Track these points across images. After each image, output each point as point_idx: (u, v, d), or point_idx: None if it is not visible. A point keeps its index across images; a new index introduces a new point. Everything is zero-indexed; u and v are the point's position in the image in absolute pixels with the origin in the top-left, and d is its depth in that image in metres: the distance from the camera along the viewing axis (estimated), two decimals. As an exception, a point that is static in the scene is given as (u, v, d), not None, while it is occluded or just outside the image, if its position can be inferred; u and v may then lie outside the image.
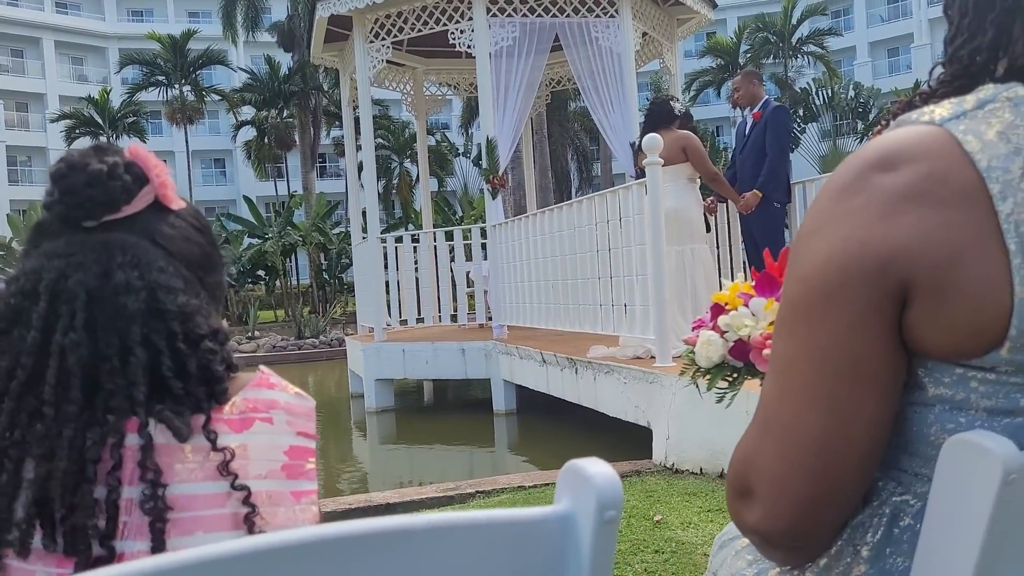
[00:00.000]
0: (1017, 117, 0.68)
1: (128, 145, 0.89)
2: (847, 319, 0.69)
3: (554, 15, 8.43)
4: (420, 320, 9.51)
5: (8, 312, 0.81)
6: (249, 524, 0.77)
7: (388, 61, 9.31)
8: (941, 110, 0.71)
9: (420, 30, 8.68)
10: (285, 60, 31.42)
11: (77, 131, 33.23)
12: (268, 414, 0.83)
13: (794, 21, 33.58)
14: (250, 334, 17.20)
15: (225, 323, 0.93)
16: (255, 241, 26.22)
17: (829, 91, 31.77)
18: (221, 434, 0.80)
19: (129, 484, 0.77)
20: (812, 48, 34.28)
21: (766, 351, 1.55)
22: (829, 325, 0.70)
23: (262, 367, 0.87)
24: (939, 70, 0.80)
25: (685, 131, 6.02)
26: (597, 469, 0.63)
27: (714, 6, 9.83)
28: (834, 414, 0.71)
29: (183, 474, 0.78)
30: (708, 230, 7.00)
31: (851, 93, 32.35)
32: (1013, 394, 0.69)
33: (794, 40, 33.90)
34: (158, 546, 0.75)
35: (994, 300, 0.66)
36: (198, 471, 0.78)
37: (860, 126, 31.44)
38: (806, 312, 0.71)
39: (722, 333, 1.61)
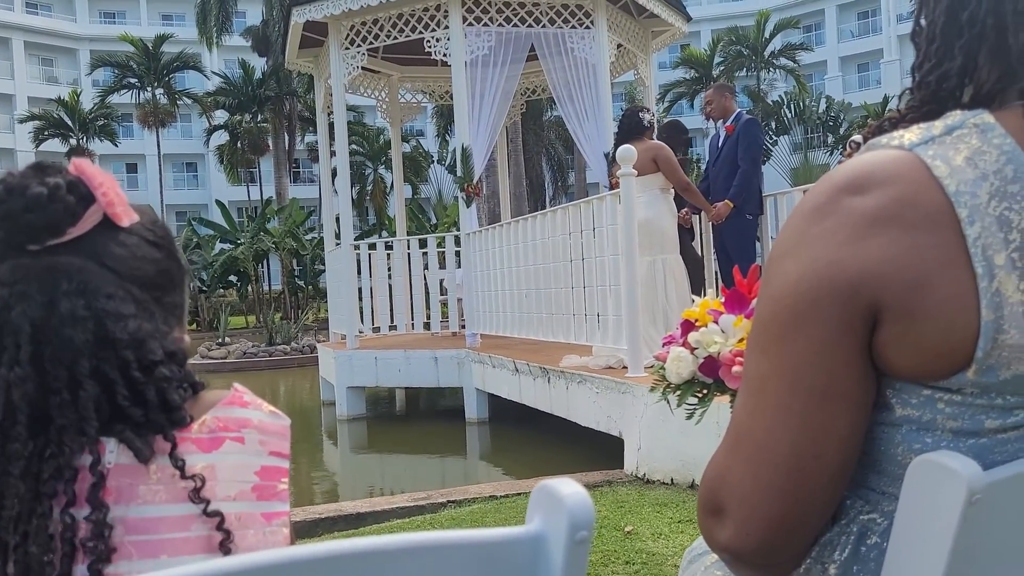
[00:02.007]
0: (984, 143, 0.69)
1: (72, 160, 0.83)
2: (819, 339, 0.70)
3: (530, 25, 8.46)
4: (393, 328, 9.47)
5: None
6: (219, 548, 0.76)
7: (363, 68, 9.28)
8: (910, 135, 0.72)
9: (396, 37, 8.67)
10: (259, 64, 31.25)
11: (46, 133, 32.80)
12: (239, 433, 0.81)
13: (767, 35, 33.99)
14: (220, 340, 17.03)
15: (187, 338, 0.90)
16: (227, 246, 26.01)
17: (800, 104, 32.17)
18: (188, 454, 0.78)
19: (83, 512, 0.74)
20: (784, 62, 34.71)
21: (735, 368, 1.57)
22: (801, 345, 0.71)
23: (236, 385, 0.85)
24: (907, 95, 0.81)
25: (657, 142, 6.07)
26: (569, 490, 0.63)
27: (688, 19, 9.92)
28: (805, 433, 0.71)
29: (147, 495, 0.76)
30: (692, 237, 7.05)
31: (822, 106, 32.79)
32: (978, 415, 0.70)
33: (766, 53, 34.32)
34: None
35: (962, 323, 0.67)
36: (163, 492, 0.76)
37: (831, 139, 31.87)
38: (778, 332, 0.72)
39: (692, 350, 1.62)
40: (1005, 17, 0.73)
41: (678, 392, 1.40)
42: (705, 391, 1.41)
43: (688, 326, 1.37)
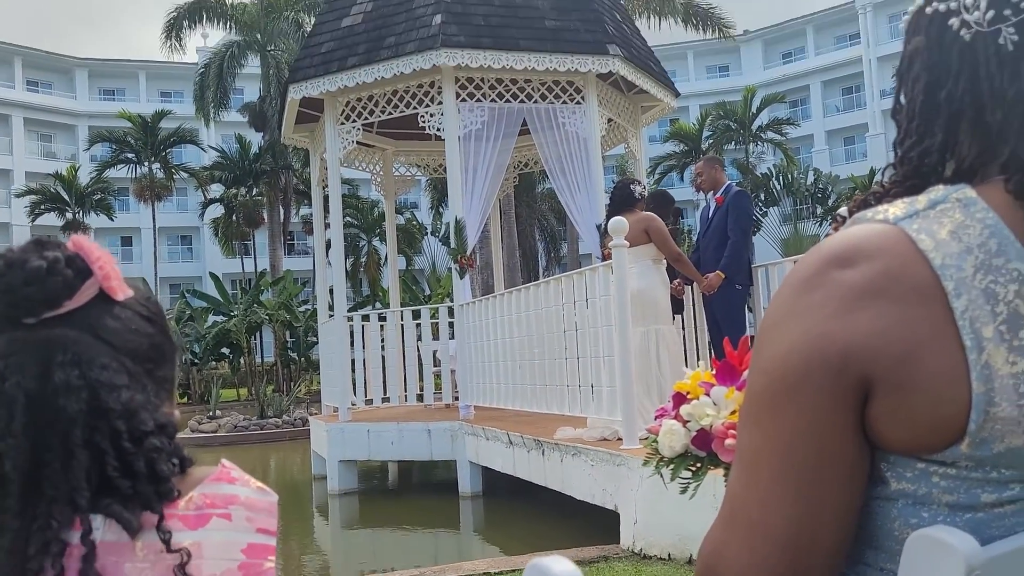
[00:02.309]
0: (967, 217, 0.70)
1: (71, 237, 0.86)
2: (811, 412, 0.70)
3: (522, 101, 8.64)
4: (386, 400, 9.41)
5: None
6: None
7: (358, 142, 9.44)
8: (895, 209, 0.73)
9: (391, 113, 8.83)
10: (256, 139, 31.70)
11: (42, 207, 33.02)
12: (227, 510, 0.80)
13: (754, 109, 34.70)
14: (211, 413, 16.85)
15: (177, 413, 0.90)
16: (220, 318, 25.96)
17: (789, 177, 32.68)
18: (175, 531, 0.77)
19: None
20: (771, 135, 35.37)
21: (728, 441, 1.55)
22: (793, 418, 0.70)
23: (224, 461, 0.85)
24: (890, 170, 0.83)
25: (648, 213, 6.14)
26: (561, 567, 0.62)
27: (676, 94, 10.15)
28: (801, 507, 0.71)
29: (133, 574, 0.75)
30: (680, 310, 7.06)
31: (810, 179, 33.31)
32: (974, 489, 0.69)
33: (754, 127, 34.99)
34: None
35: (953, 395, 0.67)
36: (148, 571, 0.76)
37: (819, 211, 32.28)
38: (771, 404, 0.72)
39: (684, 422, 1.61)
40: (982, 96, 0.75)
41: (671, 466, 1.39)
42: (698, 464, 1.40)
43: (680, 398, 1.37)
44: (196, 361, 25.16)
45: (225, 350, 26.63)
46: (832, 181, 34.09)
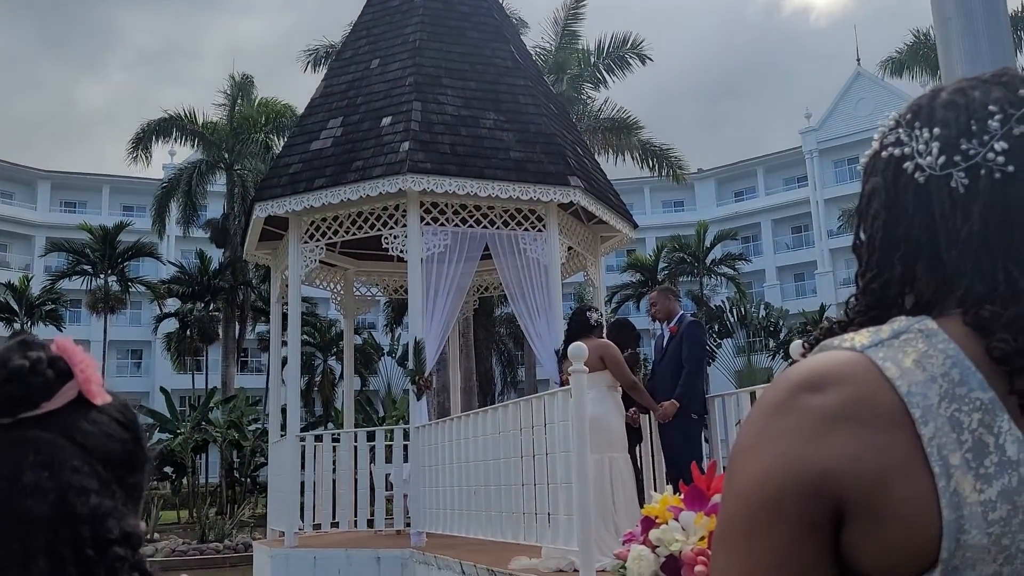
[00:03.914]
0: (930, 348, 0.73)
1: (55, 339, 0.86)
2: (786, 536, 0.70)
3: (485, 226, 8.82)
4: (335, 524, 9.08)
5: None
6: None
7: (320, 261, 9.49)
8: (860, 338, 0.76)
9: (355, 233, 8.94)
10: (216, 255, 31.70)
11: (-11, 316, 32.32)
12: None
13: (707, 244, 35.78)
14: (149, 536, 16.09)
15: (144, 525, 0.88)
16: (165, 436, 25.19)
17: (742, 310, 33.39)
18: None
19: None
20: (724, 269, 36.35)
21: (698, 568, 1.53)
22: (768, 542, 0.71)
23: (183, 574, 0.82)
24: (853, 300, 0.86)
25: (604, 340, 6.20)
26: None
27: (635, 226, 10.45)
28: None
29: None
30: (640, 439, 7.03)
31: (762, 313, 34.05)
32: (948, 617, 0.69)
33: (708, 261, 35.97)
34: None
35: (924, 522, 0.68)
36: None
37: (771, 344, 32.84)
38: (746, 529, 0.72)
39: (653, 548, 1.59)
40: (937, 234, 0.79)
41: (639, 594, 1.35)
42: (667, 593, 1.37)
43: (648, 523, 1.35)
44: (136, 480, 24.20)
45: (168, 469, 25.71)
46: (783, 315, 34.90)
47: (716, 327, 32.39)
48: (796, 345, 4.61)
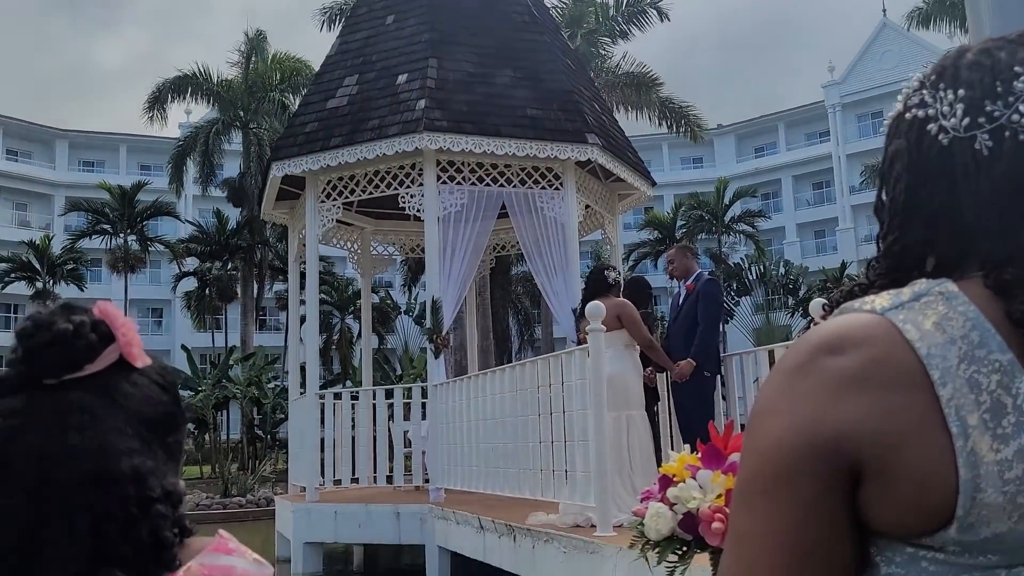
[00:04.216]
0: (950, 310, 0.74)
1: (97, 303, 0.88)
2: (805, 496, 0.71)
3: (501, 185, 8.79)
4: (355, 480, 9.23)
5: None
6: None
7: (337, 220, 9.52)
8: (881, 300, 0.76)
9: (371, 193, 8.94)
10: (233, 214, 31.80)
11: (12, 275, 32.67)
12: None
13: (726, 201, 35.49)
14: (173, 491, 16.43)
15: (182, 484, 0.90)
16: (187, 393, 25.53)
17: (761, 267, 33.22)
18: None
19: None
20: (743, 227, 36.09)
21: (715, 525, 1.56)
22: (787, 502, 0.72)
23: (221, 531, 0.85)
24: (874, 263, 0.87)
25: (622, 299, 6.20)
26: None
27: (653, 184, 10.38)
28: None
29: None
30: (658, 399, 7.06)
31: (781, 270, 33.88)
32: (962, 574, 0.71)
33: (726, 219, 35.72)
34: None
35: (941, 481, 0.69)
36: None
37: (791, 301, 32.72)
38: (764, 488, 0.74)
39: (671, 505, 1.62)
40: (960, 196, 0.79)
41: (657, 549, 1.38)
42: (685, 548, 1.39)
43: (666, 481, 1.37)
44: (160, 436, 24.59)
45: (190, 426, 26.10)
46: (803, 273, 34.70)
47: (734, 285, 32.28)
48: (816, 304, 4.60)
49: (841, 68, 48.02)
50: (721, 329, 7.16)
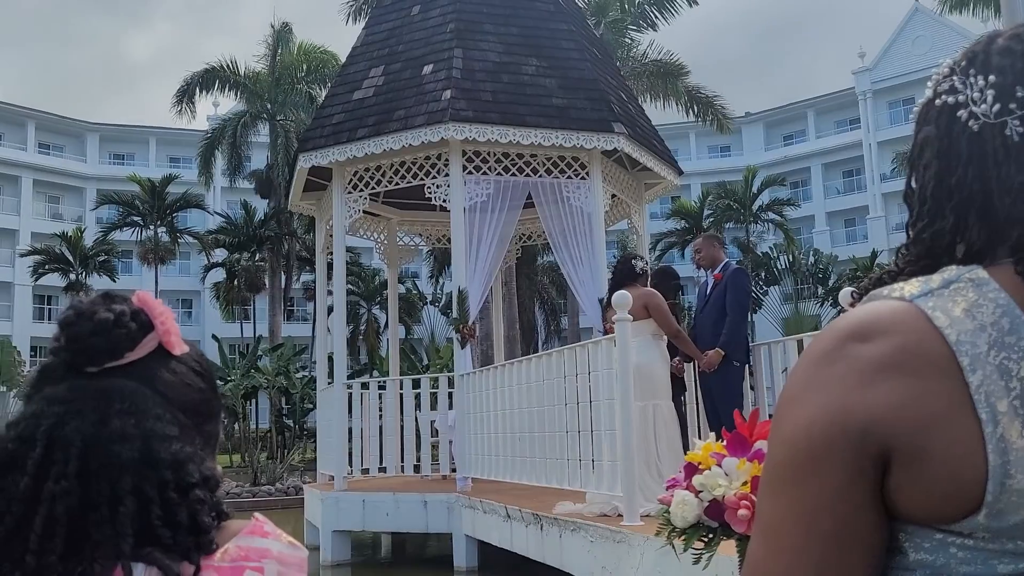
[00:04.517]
0: (980, 297, 0.73)
1: (136, 292, 0.91)
2: (833, 483, 0.72)
3: (527, 175, 8.78)
4: (382, 469, 9.30)
5: (5, 457, 0.81)
6: None
7: (364, 211, 9.56)
8: (910, 287, 0.76)
9: (397, 183, 8.97)
10: (261, 205, 32.05)
11: (45, 267, 33.18)
12: (260, 563, 0.82)
13: (754, 190, 35.16)
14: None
15: (219, 469, 0.92)
16: (217, 383, 25.81)
17: (790, 257, 32.91)
18: None
19: None
20: (772, 216, 35.76)
21: (741, 512, 1.56)
22: (815, 488, 0.72)
23: (257, 515, 0.87)
24: (903, 250, 0.86)
25: (649, 289, 6.19)
26: None
27: (679, 172, 10.32)
28: None
29: None
30: (685, 389, 7.04)
31: (811, 259, 33.54)
32: (991, 560, 0.70)
33: (755, 208, 35.40)
34: None
35: (970, 467, 0.69)
36: None
37: (820, 291, 32.41)
38: (792, 475, 0.74)
39: (697, 493, 1.62)
40: (990, 182, 0.79)
41: (684, 537, 1.38)
42: (711, 535, 1.40)
43: (691, 469, 1.38)
44: (191, 425, 24.89)
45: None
46: (832, 262, 34.33)
47: (763, 275, 32.02)
48: (845, 293, 4.56)
49: (872, 54, 47.33)
50: (749, 319, 7.11)
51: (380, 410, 9.64)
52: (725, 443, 1.41)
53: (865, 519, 0.72)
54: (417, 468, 9.65)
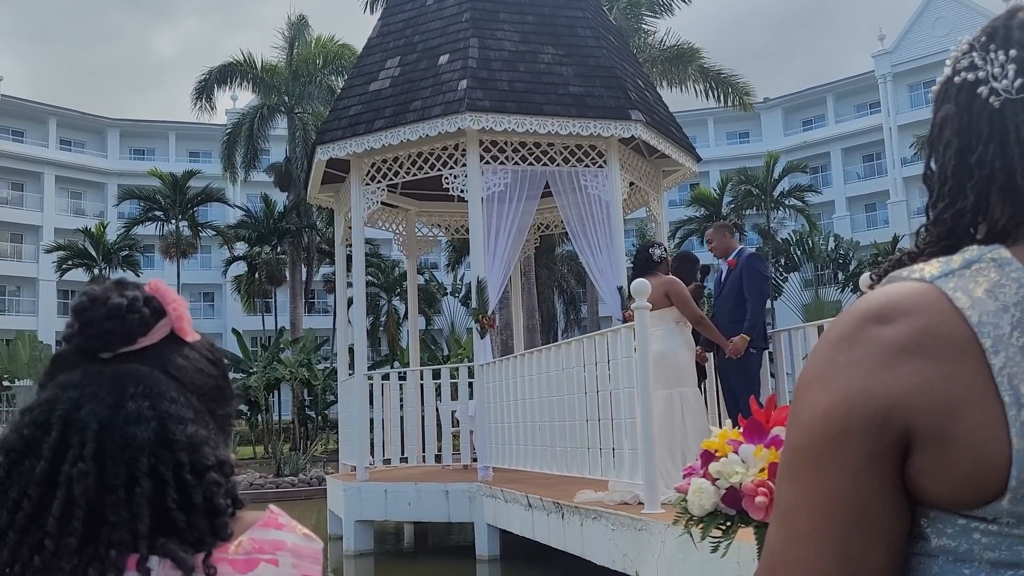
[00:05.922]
0: (1002, 277, 0.72)
1: (149, 280, 0.92)
2: (852, 467, 0.70)
3: (544, 164, 8.76)
4: (404, 459, 9.34)
5: (21, 443, 0.82)
6: None
7: (382, 202, 9.57)
8: (930, 268, 0.74)
9: (415, 174, 8.97)
10: (280, 199, 32.20)
11: (70, 262, 33.54)
12: (274, 556, 0.82)
13: (775, 176, 34.88)
14: (228, 470, 16.78)
15: (233, 456, 0.93)
16: (239, 375, 26.02)
17: (810, 242, 32.66)
18: (224, 575, 0.79)
19: None
20: (793, 202, 35.47)
21: (758, 499, 1.54)
22: (834, 473, 0.71)
23: (271, 507, 0.87)
24: (924, 231, 0.84)
25: (670, 276, 6.15)
26: None
27: (698, 159, 10.25)
28: (841, 563, 0.71)
29: None
30: (704, 377, 7.00)
31: (831, 245, 33.27)
32: (1016, 546, 0.69)
33: (775, 194, 35.12)
34: None
35: (993, 451, 0.67)
36: None
37: (840, 276, 32.16)
38: (810, 459, 0.73)
39: (713, 480, 1.61)
40: (1012, 159, 0.77)
41: (701, 525, 1.37)
42: (728, 523, 1.38)
43: (708, 456, 1.37)
44: (214, 418, 25.12)
45: (243, 407, 26.62)
46: (853, 247, 34.04)
47: (783, 261, 31.81)
48: (865, 277, 4.52)
49: (892, 36, 46.75)
50: (768, 304, 7.06)
51: (401, 400, 9.67)
52: (742, 430, 1.40)
53: (885, 504, 0.71)
54: (438, 458, 9.69)
